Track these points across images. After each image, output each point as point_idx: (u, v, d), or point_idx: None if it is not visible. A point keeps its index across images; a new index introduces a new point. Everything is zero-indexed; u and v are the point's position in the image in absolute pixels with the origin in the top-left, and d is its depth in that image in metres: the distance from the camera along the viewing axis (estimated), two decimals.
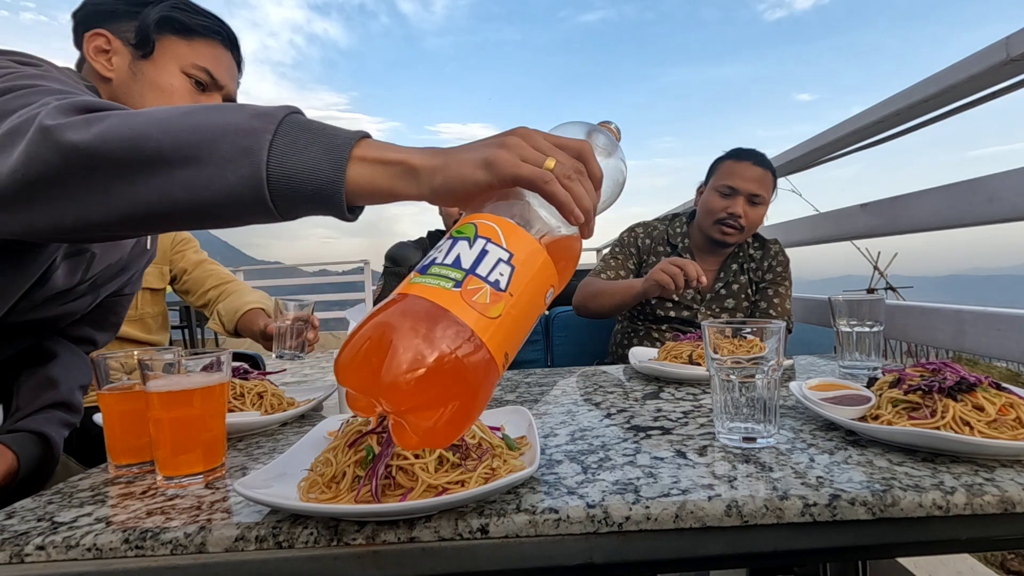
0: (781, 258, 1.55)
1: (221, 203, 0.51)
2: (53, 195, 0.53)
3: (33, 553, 0.49)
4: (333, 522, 0.49)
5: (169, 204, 0.52)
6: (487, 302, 0.44)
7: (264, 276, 8.07)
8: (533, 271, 0.48)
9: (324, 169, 0.50)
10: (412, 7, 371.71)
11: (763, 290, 1.53)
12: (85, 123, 0.52)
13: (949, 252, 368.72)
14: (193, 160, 0.50)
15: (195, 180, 0.50)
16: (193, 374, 0.62)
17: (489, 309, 0.44)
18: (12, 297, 0.72)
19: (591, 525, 0.49)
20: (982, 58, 1.10)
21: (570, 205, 0.50)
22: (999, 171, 1.10)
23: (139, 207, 0.52)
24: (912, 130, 1.50)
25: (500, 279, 0.46)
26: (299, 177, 0.50)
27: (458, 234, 0.49)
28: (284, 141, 0.50)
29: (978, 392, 0.62)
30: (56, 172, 0.51)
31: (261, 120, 0.51)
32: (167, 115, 0.52)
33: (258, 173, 0.50)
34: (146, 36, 0.84)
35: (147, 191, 0.51)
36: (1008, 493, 0.50)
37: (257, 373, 0.93)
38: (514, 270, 0.47)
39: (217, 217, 0.53)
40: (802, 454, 0.62)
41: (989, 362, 2.44)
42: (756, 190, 1.45)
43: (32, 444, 0.79)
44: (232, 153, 0.50)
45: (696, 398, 0.90)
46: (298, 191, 0.50)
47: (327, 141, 0.51)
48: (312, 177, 0.50)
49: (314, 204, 0.52)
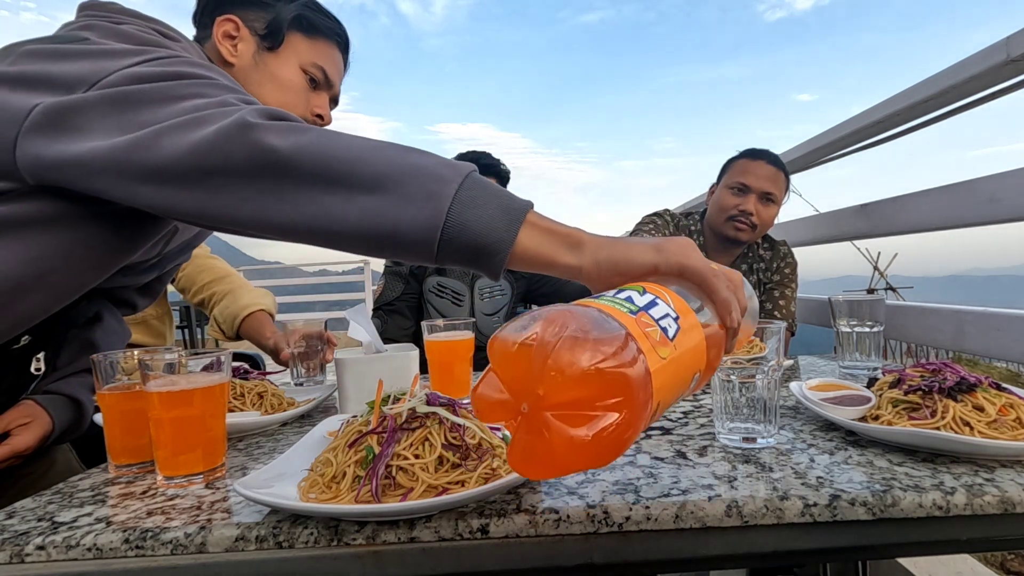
0: (790, 259, 1.55)
1: (389, 234, 0.54)
2: (224, 187, 0.55)
3: (33, 553, 0.49)
4: (333, 522, 0.49)
5: (339, 223, 0.54)
6: (657, 340, 0.43)
7: (264, 276, 8.07)
8: (694, 340, 0.47)
9: (499, 228, 0.53)
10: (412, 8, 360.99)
11: (769, 291, 1.53)
12: (287, 130, 0.55)
13: (949, 252, 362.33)
14: (379, 189, 0.53)
15: (374, 208, 0.53)
16: (193, 374, 0.62)
17: (658, 348, 0.43)
18: (117, 264, 0.73)
19: (591, 525, 0.49)
20: (983, 58, 1.10)
21: (730, 305, 0.52)
22: (999, 171, 1.10)
23: (306, 219, 0.55)
24: (913, 130, 1.50)
25: (668, 328, 0.45)
26: (473, 229, 0.53)
27: (625, 289, 0.49)
28: (467, 194, 0.53)
29: (978, 392, 0.62)
30: (238, 167, 0.54)
31: (450, 170, 0.54)
32: (362, 144, 0.55)
33: (438, 216, 0.52)
34: (277, 30, 0.87)
35: (324, 207, 0.54)
36: (1008, 493, 0.50)
37: (257, 373, 0.93)
38: (679, 329, 0.46)
39: (377, 246, 0.56)
40: (802, 454, 0.62)
41: (989, 362, 2.44)
42: (769, 188, 1.45)
43: (67, 408, 0.82)
44: (418, 193, 0.53)
45: (696, 398, 0.90)
46: (467, 242, 0.53)
47: (506, 203, 0.54)
48: (486, 232, 0.53)
49: (474, 257, 0.54)
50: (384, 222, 0.53)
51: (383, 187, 0.53)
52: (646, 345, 0.42)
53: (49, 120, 0.60)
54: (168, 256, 0.88)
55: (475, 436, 0.56)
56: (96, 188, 0.60)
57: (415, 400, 0.57)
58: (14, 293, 0.64)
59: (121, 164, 0.57)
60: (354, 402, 0.82)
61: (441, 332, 0.93)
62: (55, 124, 0.60)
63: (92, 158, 0.58)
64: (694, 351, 0.47)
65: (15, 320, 0.67)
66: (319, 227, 0.55)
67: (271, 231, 0.57)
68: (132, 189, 0.59)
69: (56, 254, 0.65)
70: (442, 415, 0.56)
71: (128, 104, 0.60)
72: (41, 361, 0.84)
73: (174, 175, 0.56)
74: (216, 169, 0.55)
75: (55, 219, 0.64)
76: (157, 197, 0.58)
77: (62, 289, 0.69)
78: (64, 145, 0.59)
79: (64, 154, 0.59)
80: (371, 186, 0.53)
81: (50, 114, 0.60)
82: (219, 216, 0.57)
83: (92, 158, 0.58)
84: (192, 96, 0.60)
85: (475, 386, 0.43)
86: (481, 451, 0.55)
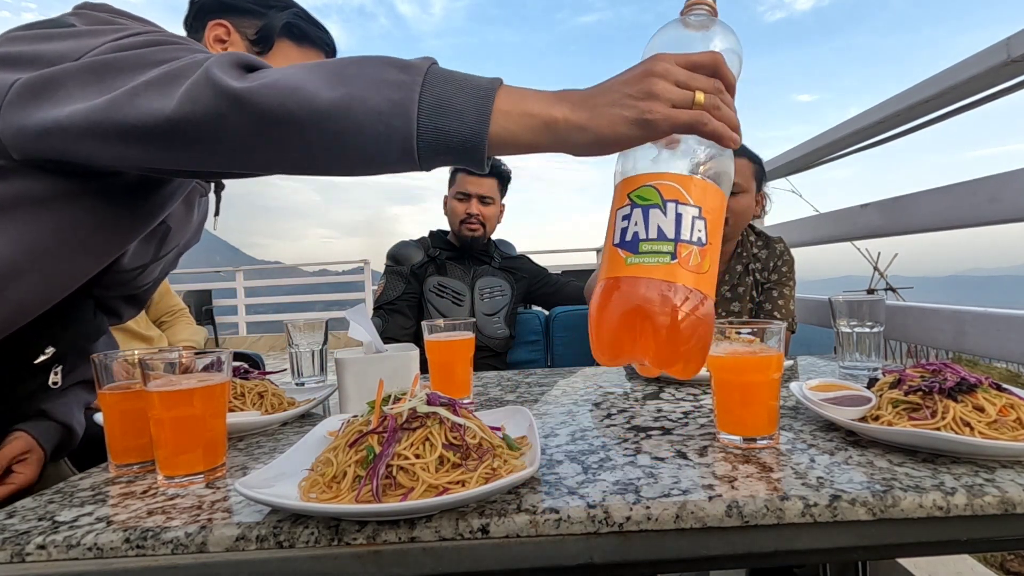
0: (787, 257, 1.54)
1: (371, 154, 0.55)
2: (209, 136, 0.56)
3: (34, 552, 0.49)
4: (334, 522, 0.49)
5: (321, 152, 0.56)
6: (699, 261, 0.53)
7: (264, 276, 8.06)
8: (717, 211, 0.55)
9: (469, 122, 0.53)
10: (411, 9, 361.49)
11: (767, 291, 1.52)
12: (249, 75, 0.55)
13: (949, 253, 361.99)
14: (346, 112, 0.53)
15: (348, 131, 0.54)
16: (193, 374, 0.62)
17: (701, 267, 0.53)
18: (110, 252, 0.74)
19: (592, 525, 0.49)
20: (983, 59, 1.10)
21: (727, 135, 0.52)
22: (1000, 172, 1.10)
23: (290, 156, 0.56)
24: (913, 131, 1.50)
25: (701, 236, 0.53)
26: (446, 129, 0.53)
27: (644, 201, 0.53)
28: (431, 94, 0.53)
29: (978, 393, 0.62)
30: (216, 115, 0.55)
31: (408, 73, 0.54)
32: (320, 69, 0.56)
33: (409, 126, 0.53)
34: (268, 36, 0.88)
35: (301, 140, 0.55)
36: (1008, 494, 0.50)
37: (257, 373, 0.93)
38: (706, 221, 0.53)
39: (365, 165, 0.57)
40: (802, 454, 0.62)
41: (989, 363, 2.44)
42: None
43: (57, 434, 0.84)
44: (384, 106, 0.53)
45: (696, 398, 0.90)
46: (444, 143, 0.53)
47: (471, 92, 0.54)
48: (458, 129, 0.53)
49: (456, 155, 0.55)
50: (362, 141, 0.54)
51: (350, 108, 0.53)
52: (693, 279, 0.53)
53: (30, 90, 0.61)
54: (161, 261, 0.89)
55: (476, 436, 0.56)
56: (82, 154, 0.61)
57: (416, 400, 0.57)
58: (9, 276, 0.64)
59: (101, 124, 0.58)
60: (354, 402, 0.82)
61: (441, 332, 0.93)
62: (36, 94, 0.61)
63: (72, 121, 0.58)
64: (718, 213, 0.55)
65: (15, 307, 0.67)
66: (304, 163, 0.57)
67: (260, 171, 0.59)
68: (116, 150, 0.59)
69: (48, 234, 0.66)
70: (443, 415, 0.56)
71: (107, 70, 0.61)
72: (59, 375, 0.85)
73: (156, 133, 0.57)
74: (195, 121, 0.55)
75: (45, 198, 0.65)
76: (143, 158, 0.59)
77: (57, 273, 0.69)
78: (45, 112, 0.60)
79: (45, 120, 0.59)
80: (341, 109, 0.53)
81: (31, 85, 0.61)
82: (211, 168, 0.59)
83: (72, 121, 0.58)
84: (167, 60, 0.60)
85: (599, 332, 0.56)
86: (482, 451, 0.55)
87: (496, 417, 0.70)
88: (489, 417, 0.68)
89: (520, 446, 0.60)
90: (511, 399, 0.95)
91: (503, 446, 0.58)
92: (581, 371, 1.18)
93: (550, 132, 0.53)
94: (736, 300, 1.52)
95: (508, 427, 0.64)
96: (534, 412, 0.84)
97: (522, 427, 0.67)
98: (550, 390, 1.00)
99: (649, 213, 0.52)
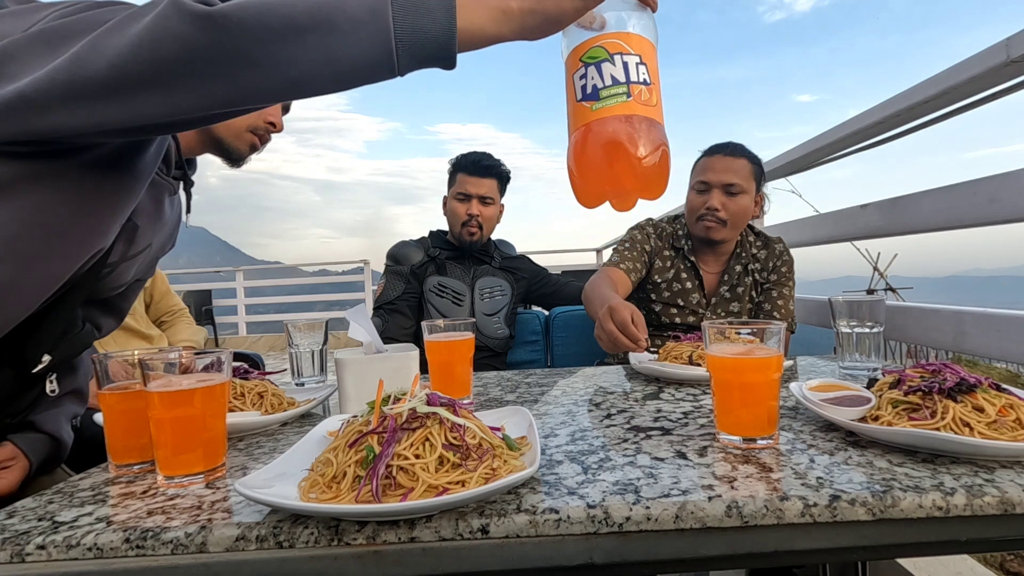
0: (786, 257, 1.54)
1: (354, 62, 0.56)
2: (185, 67, 0.55)
3: (34, 552, 0.49)
4: (334, 522, 0.49)
5: (307, 65, 0.56)
6: (648, 96, 0.66)
7: (264, 276, 8.06)
8: (652, 58, 0.67)
9: (439, 18, 0.56)
10: None
11: (767, 291, 1.52)
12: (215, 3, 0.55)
13: (949, 253, 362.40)
14: (325, 24, 0.54)
15: (329, 41, 0.55)
16: (193, 374, 0.62)
17: (650, 101, 0.66)
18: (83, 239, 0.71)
19: (591, 525, 0.49)
20: (982, 59, 1.10)
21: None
22: (1000, 172, 1.10)
23: (276, 72, 0.56)
24: (913, 131, 1.50)
25: (646, 77, 0.65)
26: (420, 27, 0.56)
27: (594, 59, 0.65)
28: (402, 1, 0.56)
29: (978, 393, 0.62)
30: (192, 40, 0.54)
31: None
32: None
33: (387, 30, 0.55)
34: None
35: (285, 54, 0.55)
36: (1008, 494, 0.50)
37: (257, 373, 0.93)
38: (647, 66, 0.66)
39: (347, 76, 0.58)
40: (802, 455, 0.62)
41: (989, 363, 2.44)
42: (729, 179, 1.43)
43: (45, 446, 0.83)
44: (360, 13, 0.55)
45: (696, 399, 0.90)
46: (420, 42, 0.56)
47: None
48: (431, 27, 0.56)
49: (429, 53, 0.57)
50: (345, 53, 0.55)
51: (328, 20, 0.54)
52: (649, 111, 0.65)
53: None
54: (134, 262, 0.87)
55: (475, 436, 0.56)
56: (51, 124, 0.58)
57: (415, 400, 0.57)
58: None
59: (69, 84, 0.55)
60: (354, 402, 0.82)
61: (441, 332, 0.93)
62: None
63: (35, 88, 0.56)
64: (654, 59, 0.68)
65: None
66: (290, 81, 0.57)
67: (243, 102, 0.59)
68: (92, 109, 0.56)
69: (18, 218, 0.63)
70: (443, 415, 0.56)
71: (57, 36, 0.59)
72: (55, 383, 0.85)
73: (128, 78, 0.55)
74: (167, 54, 0.54)
75: (11, 182, 0.62)
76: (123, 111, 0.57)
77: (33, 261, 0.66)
78: (3, 89, 0.57)
79: (6, 97, 0.57)
80: (318, 22, 0.54)
81: None
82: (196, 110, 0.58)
83: (35, 88, 0.56)
84: (118, 13, 0.58)
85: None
86: (481, 451, 0.55)
87: (496, 417, 0.70)
88: (489, 417, 0.69)
89: (520, 446, 0.60)
90: (511, 399, 0.95)
91: (503, 446, 0.58)
92: (581, 371, 1.18)
93: (508, 20, 0.59)
94: (735, 300, 1.52)
95: (508, 427, 0.64)
96: (534, 412, 0.84)
97: (522, 427, 0.67)
98: (550, 390, 1.00)
99: (601, 67, 0.64)
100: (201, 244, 24.19)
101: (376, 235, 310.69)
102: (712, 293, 1.53)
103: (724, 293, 1.52)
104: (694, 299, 1.52)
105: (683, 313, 1.52)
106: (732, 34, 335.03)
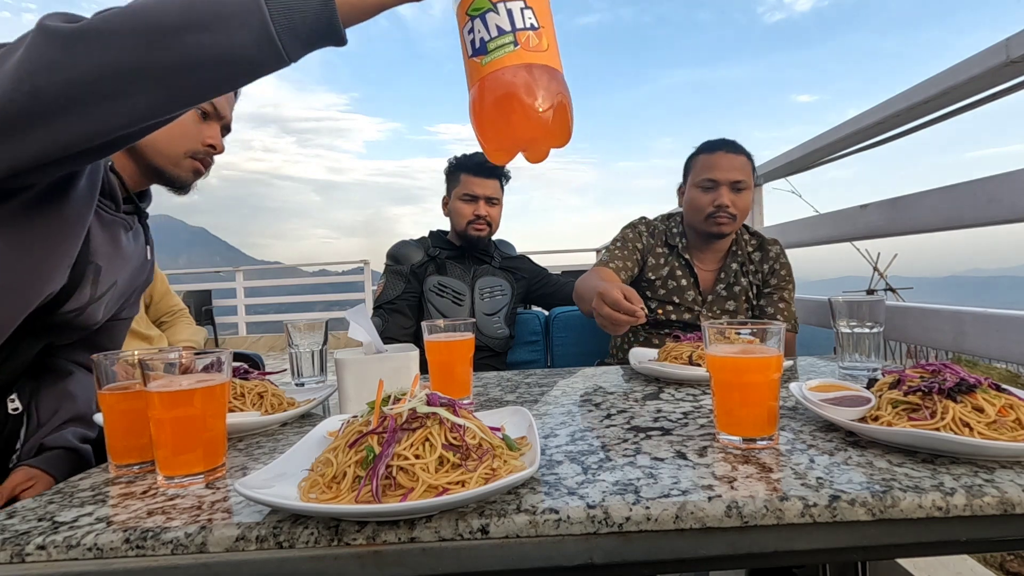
0: (783, 260, 1.55)
1: (235, 56, 0.55)
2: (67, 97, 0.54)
3: (34, 553, 0.49)
4: (334, 522, 0.49)
5: (190, 68, 0.54)
6: (538, 42, 0.62)
7: (264, 276, 8.07)
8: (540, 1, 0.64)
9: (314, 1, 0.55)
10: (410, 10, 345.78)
11: (768, 295, 1.52)
12: (83, 17, 0.54)
13: (949, 253, 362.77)
14: (198, 22, 0.53)
15: (209, 41, 0.54)
16: (193, 374, 0.62)
17: (541, 46, 0.63)
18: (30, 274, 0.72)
19: (591, 525, 0.49)
20: (982, 60, 1.10)
21: None
22: (1000, 172, 1.10)
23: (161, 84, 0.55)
24: (913, 131, 1.50)
25: (533, 22, 0.62)
26: (298, 7, 0.54)
27: (479, 11, 0.62)
28: None
29: (978, 393, 0.62)
30: (61, 69, 0.53)
31: None
32: None
33: (262, 18, 0.53)
34: None
35: (168, 64, 0.54)
36: (1008, 494, 0.50)
37: (257, 373, 0.93)
38: (533, 10, 0.62)
39: (232, 73, 0.57)
40: (802, 455, 0.62)
41: (989, 363, 2.44)
42: (737, 176, 1.45)
43: (67, 460, 0.83)
44: (232, 5, 0.53)
45: (696, 399, 0.90)
46: (300, 21, 0.55)
47: None
48: (308, 5, 0.55)
49: (316, 35, 0.56)
50: (224, 50, 0.54)
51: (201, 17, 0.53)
52: (539, 57, 0.62)
53: None
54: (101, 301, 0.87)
55: (475, 436, 0.56)
56: None
57: (415, 400, 0.57)
58: None
59: None
60: (354, 402, 0.82)
61: (441, 332, 0.93)
62: None
63: None
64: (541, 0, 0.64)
65: None
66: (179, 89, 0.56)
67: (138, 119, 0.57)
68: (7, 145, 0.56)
69: None
70: (442, 415, 0.56)
71: None
72: (16, 400, 0.85)
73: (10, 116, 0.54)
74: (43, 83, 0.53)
75: None
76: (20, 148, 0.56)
77: None
78: None
79: None
80: (192, 21, 0.53)
81: None
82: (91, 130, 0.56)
83: None
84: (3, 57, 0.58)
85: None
86: (481, 451, 0.55)
87: (496, 417, 0.70)
88: (489, 417, 0.69)
89: (520, 446, 0.60)
90: (511, 399, 0.95)
91: (503, 446, 0.58)
92: (581, 371, 1.18)
93: None
94: (732, 299, 1.52)
95: (508, 427, 0.64)
96: (534, 412, 0.84)
97: (522, 427, 0.67)
98: (550, 390, 1.00)
99: (486, 18, 0.61)
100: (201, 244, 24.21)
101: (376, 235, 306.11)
102: (708, 291, 1.54)
103: (720, 291, 1.53)
104: (689, 296, 1.52)
105: (679, 310, 1.52)
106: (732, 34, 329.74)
